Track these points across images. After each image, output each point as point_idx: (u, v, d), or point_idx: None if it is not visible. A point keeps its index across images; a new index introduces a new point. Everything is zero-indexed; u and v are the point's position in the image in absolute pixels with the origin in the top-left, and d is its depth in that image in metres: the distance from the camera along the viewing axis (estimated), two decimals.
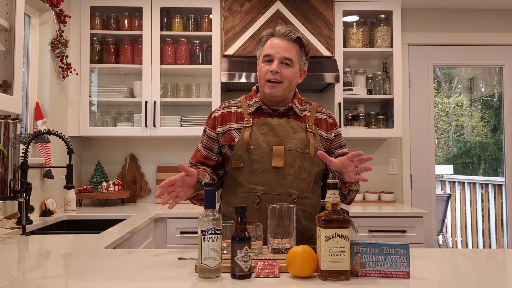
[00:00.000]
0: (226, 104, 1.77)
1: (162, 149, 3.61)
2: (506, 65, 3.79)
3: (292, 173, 1.61)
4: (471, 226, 5.04)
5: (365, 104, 3.58)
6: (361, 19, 3.50)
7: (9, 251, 1.67)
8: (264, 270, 1.23)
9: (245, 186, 1.63)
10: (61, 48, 2.95)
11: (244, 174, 1.63)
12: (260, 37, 1.72)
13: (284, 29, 1.67)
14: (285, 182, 1.61)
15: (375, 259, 1.22)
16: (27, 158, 2.20)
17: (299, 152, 1.63)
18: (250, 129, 1.65)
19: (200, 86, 3.52)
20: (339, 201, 1.23)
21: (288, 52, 1.65)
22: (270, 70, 1.64)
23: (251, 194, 1.61)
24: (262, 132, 1.65)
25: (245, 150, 1.63)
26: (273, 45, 1.65)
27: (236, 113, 1.72)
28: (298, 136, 1.65)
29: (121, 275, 1.28)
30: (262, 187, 1.61)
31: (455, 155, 6.19)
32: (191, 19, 3.40)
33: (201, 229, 1.20)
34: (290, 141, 1.64)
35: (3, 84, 1.84)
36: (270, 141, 1.63)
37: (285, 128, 1.65)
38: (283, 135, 1.64)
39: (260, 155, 1.62)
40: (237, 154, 1.65)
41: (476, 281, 1.24)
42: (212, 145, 1.73)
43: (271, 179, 1.61)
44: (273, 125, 1.66)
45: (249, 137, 1.63)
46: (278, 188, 1.60)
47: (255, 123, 1.67)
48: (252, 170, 1.62)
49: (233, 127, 1.69)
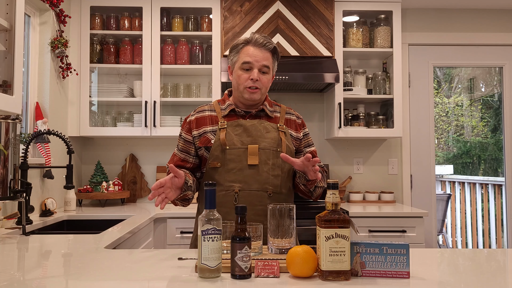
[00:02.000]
0: (200, 109, 1.84)
1: (162, 149, 3.61)
2: (506, 65, 3.79)
3: (266, 170, 1.70)
4: (471, 226, 5.04)
5: (365, 104, 3.58)
6: (361, 19, 3.49)
7: (9, 251, 1.67)
8: (264, 270, 1.23)
9: (223, 184, 1.70)
10: (61, 48, 2.95)
11: (221, 173, 1.71)
12: (235, 44, 1.79)
13: (261, 38, 1.74)
14: (260, 179, 1.69)
15: (375, 259, 1.22)
16: (27, 158, 2.20)
17: (272, 150, 1.72)
18: (224, 130, 1.74)
19: (200, 86, 3.52)
20: (339, 201, 1.23)
21: (266, 61, 1.74)
22: (250, 78, 1.72)
23: (229, 191, 1.69)
24: (237, 133, 1.74)
25: (221, 150, 1.71)
26: (251, 54, 1.73)
27: (210, 117, 1.79)
28: (271, 135, 1.74)
29: (121, 275, 1.28)
30: (239, 184, 1.69)
31: (455, 155, 6.19)
32: (191, 19, 3.40)
33: (201, 229, 1.20)
34: (263, 140, 1.73)
35: (3, 84, 1.84)
36: (245, 141, 1.72)
37: (258, 129, 1.74)
38: (256, 134, 1.73)
39: (236, 154, 1.70)
40: (214, 155, 1.72)
41: (476, 281, 1.24)
42: (189, 148, 1.80)
43: (247, 176, 1.69)
44: (247, 126, 1.75)
45: (224, 137, 1.71)
46: (254, 184, 1.69)
47: (229, 125, 1.75)
48: (228, 169, 1.70)
49: (208, 129, 1.76)
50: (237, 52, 1.77)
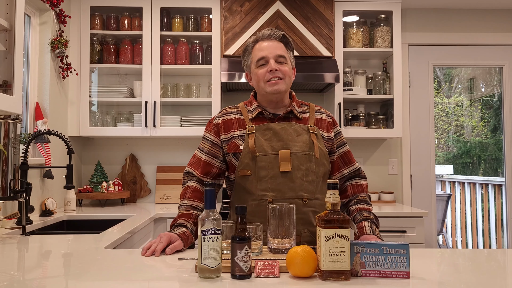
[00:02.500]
0: (226, 111, 1.75)
1: (162, 149, 3.61)
2: (506, 65, 3.79)
3: (300, 176, 1.61)
4: (471, 226, 5.04)
5: (365, 104, 3.58)
6: (361, 19, 3.50)
7: (9, 251, 1.67)
8: (264, 270, 1.23)
9: (255, 193, 1.62)
10: (61, 48, 2.95)
11: (252, 182, 1.62)
12: (245, 48, 1.73)
13: (267, 31, 1.69)
14: (294, 186, 1.60)
15: (375, 259, 1.22)
16: (27, 158, 2.20)
17: (304, 154, 1.63)
18: (253, 135, 1.64)
19: (200, 86, 3.52)
20: (339, 201, 1.23)
21: (280, 50, 1.66)
22: (268, 70, 1.64)
23: (262, 201, 1.60)
24: (266, 137, 1.65)
25: (251, 158, 1.62)
26: (262, 48, 1.67)
27: (237, 120, 1.70)
28: (302, 138, 1.65)
29: (121, 275, 1.28)
30: (272, 192, 1.60)
31: (455, 155, 6.19)
32: (191, 19, 3.40)
33: (201, 229, 1.20)
34: (295, 145, 1.64)
35: (3, 84, 1.84)
36: (275, 146, 1.63)
37: (288, 132, 1.65)
38: (287, 139, 1.64)
39: (267, 161, 1.62)
40: (243, 163, 1.63)
41: (476, 281, 1.24)
42: (217, 152, 1.70)
43: (280, 184, 1.60)
44: (276, 130, 1.65)
45: (254, 144, 1.62)
46: (288, 192, 1.60)
47: (257, 128, 1.66)
48: (260, 177, 1.61)
49: (236, 134, 1.67)
50: (249, 54, 1.72)
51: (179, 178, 3.50)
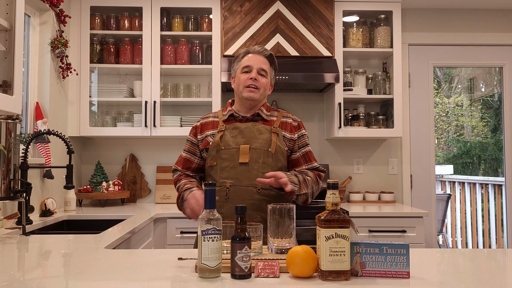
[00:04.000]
0: (206, 116, 2.05)
1: (162, 149, 3.61)
2: (506, 65, 3.79)
3: (256, 168, 1.85)
4: (471, 226, 5.04)
5: (365, 104, 3.58)
6: (361, 19, 3.49)
7: (9, 251, 1.67)
8: (264, 270, 1.23)
9: (218, 181, 1.87)
10: (61, 48, 2.95)
11: (216, 171, 1.89)
12: (236, 55, 2.00)
13: (258, 48, 1.97)
14: (250, 176, 1.84)
15: (375, 259, 1.22)
16: (27, 158, 2.20)
17: (263, 150, 1.87)
18: (222, 133, 1.92)
19: (200, 86, 3.52)
20: (339, 201, 1.23)
21: (264, 65, 1.95)
22: (249, 77, 1.90)
23: (222, 187, 1.85)
24: (233, 134, 1.91)
25: (217, 150, 1.90)
26: (250, 59, 1.95)
27: (212, 122, 1.99)
28: (263, 136, 1.90)
29: (121, 275, 1.28)
30: (231, 180, 1.85)
31: (455, 155, 6.19)
32: (191, 19, 3.40)
33: (201, 229, 1.20)
34: (256, 141, 1.88)
35: (3, 84, 1.84)
36: (239, 142, 1.89)
37: (251, 130, 1.91)
38: (249, 136, 1.90)
39: (229, 153, 1.88)
40: (211, 155, 1.92)
41: (476, 281, 1.24)
42: (195, 150, 2.00)
43: (239, 173, 1.85)
44: (242, 128, 1.92)
45: (219, 139, 1.90)
46: (245, 181, 1.84)
47: (227, 127, 1.94)
48: (223, 167, 1.88)
49: (209, 133, 1.96)
50: (238, 61, 1.99)
51: None
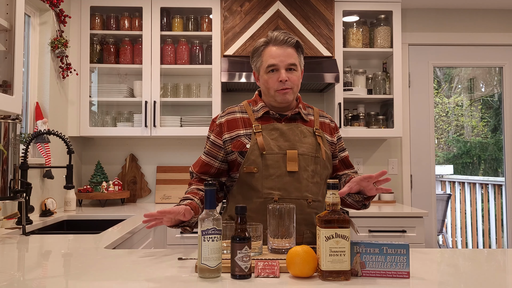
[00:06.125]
0: (230, 110, 1.74)
1: (162, 149, 3.61)
2: (506, 65, 3.79)
3: (306, 177, 1.62)
4: (471, 226, 5.04)
5: (365, 104, 3.58)
6: (361, 19, 3.49)
7: (9, 251, 1.67)
8: (264, 270, 1.23)
9: (261, 191, 1.61)
10: (61, 48, 2.95)
11: (258, 179, 1.61)
12: (254, 48, 1.71)
13: (281, 35, 1.66)
14: (300, 186, 1.61)
15: (375, 259, 1.22)
16: (27, 158, 2.20)
17: (311, 156, 1.64)
18: (260, 134, 1.64)
19: (200, 86, 3.52)
20: (339, 201, 1.23)
21: (291, 58, 1.66)
22: (279, 80, 1.63)
23: (268, 199, 1.60)
24: (273, 137, 1.65)
25: (258, 155, 1.61)
26: (274, 54, 1.65)
27: (242, 119, 1.70)
28: (308, 140, 1.66)
29: (121, 275, 1.28)
30: (278, 191, 1.60)
31: (455, 155, 6.19)
32: (191, 19, 3.40)
33: (201, 229, 1.20)
34: (302, 146, 1.64)
35: (3, 84, 1.84)
36: (282, 146, 1.63)
37: (295, 133, 1.66)
38: (294, 139, 1.64)
39: (274, 160, 1.61)
40: (250, 159, 1.62)
41: (476, 281, 1.24)
42: (217, 152, 1.70)
43: (287, 183, 1.60)
44: (283, 130, 1.66)
45: (262, 141, 1.62)
46: (294, 192, 1.60)
47: (264, 128, 1.66)
48: (267, 175, 1.61)
49: (242, 133, 1.66)
50: (259, 56, 1.69)
51: (179, 178, 3.51)
